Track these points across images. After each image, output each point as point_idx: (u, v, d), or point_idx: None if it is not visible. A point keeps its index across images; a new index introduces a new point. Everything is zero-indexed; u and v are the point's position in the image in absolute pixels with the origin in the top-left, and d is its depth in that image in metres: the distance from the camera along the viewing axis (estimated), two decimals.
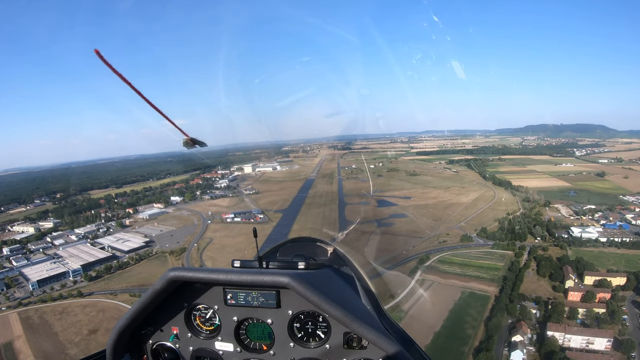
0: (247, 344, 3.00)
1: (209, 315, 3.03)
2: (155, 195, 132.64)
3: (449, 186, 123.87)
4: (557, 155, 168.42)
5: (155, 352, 3.12)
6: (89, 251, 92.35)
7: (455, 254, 79.04)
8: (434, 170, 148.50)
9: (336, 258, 4.05)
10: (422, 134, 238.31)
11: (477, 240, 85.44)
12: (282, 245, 4.30)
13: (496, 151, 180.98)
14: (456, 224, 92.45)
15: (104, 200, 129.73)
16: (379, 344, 2.59)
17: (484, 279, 70.53)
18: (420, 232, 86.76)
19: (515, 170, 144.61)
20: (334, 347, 2.82)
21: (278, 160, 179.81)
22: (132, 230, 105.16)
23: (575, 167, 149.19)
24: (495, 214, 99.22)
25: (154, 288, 2.79)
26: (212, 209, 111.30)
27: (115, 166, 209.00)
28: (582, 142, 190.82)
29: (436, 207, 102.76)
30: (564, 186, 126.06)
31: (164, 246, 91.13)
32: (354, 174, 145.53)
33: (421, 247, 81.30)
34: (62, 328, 66.88)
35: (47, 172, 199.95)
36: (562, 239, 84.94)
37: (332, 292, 2.74)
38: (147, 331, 3.10)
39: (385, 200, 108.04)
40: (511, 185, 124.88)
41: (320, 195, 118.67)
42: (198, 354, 3.08)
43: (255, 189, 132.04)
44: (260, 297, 2.80)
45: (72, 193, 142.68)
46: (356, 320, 2.59)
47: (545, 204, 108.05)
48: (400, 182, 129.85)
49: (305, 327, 2.88)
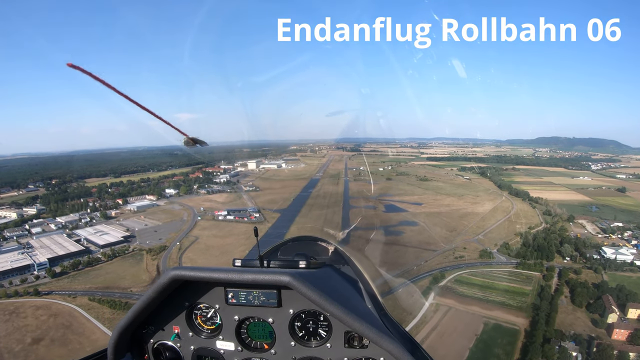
0: (248, 343, 2.91)
1: (210, 315, 2.94)
2: (150, 187, 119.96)
3: (462, 194, 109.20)
4: (572, 168, 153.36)
5: (157, 352, 3.01)
6: (62, 243, 79.43)
7: (474, 272, 64.42)
8: (445, 177, 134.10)
9: (337, 257, 3.80)
10: (432, 140, 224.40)
11: (498, 257, 70.69)
12: (283, 245, 3.97)
13: (509, 160, 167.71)
14: (473, 236, 77.71)
15: (96, 189, 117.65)
16: (380, 343, 2.49)
17: (510, 307, 55.99)
18: (434, 244, 72.19)
19: (531, 181, 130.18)
20: (335, 346, 2.74)
21: (284, 158, 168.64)
22: (116, 222, 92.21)
23: (593, 181, 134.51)
24: (515, 227, 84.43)
25: (155, 287, 2.69)
26: (205, 205, 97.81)
27: (121, 156, 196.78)
28: (596, 157, 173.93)
29: (450, 215, 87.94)
30: (584, 200, 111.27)
31: (144, 242, 77.78)
32: (361, 176, 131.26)
33: (435, 262, 66.80)
34: (6, 332, 53.95)
35: (52, 158, 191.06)
36: (593, 261, 70.35)
37: (333, 291, 2.65)
38: (148, 330, 2.99)
39: (394, 205, 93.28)
40: (529, 196, 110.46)
41: (324, 195, 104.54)
42: (199, 353, 2.98)
43: (256, 186, 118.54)
44: (261, 296, 2.71)
45: (68, 180, 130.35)
46: (357, 319, 2.49)
47: (569, 218, 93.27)
48: (411, 186, 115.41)
49: (307, 326, 2.79)
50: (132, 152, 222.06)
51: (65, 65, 1.64)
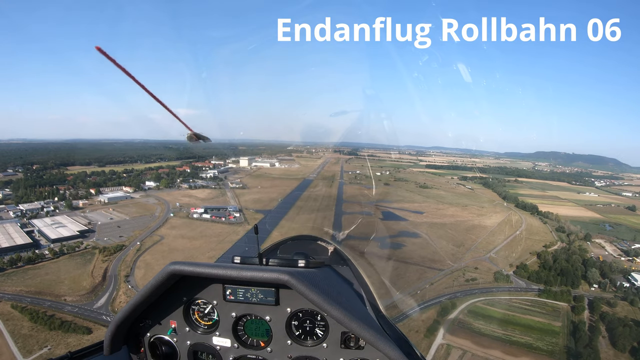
0: (244, 340, 2.79)
1: (207, 310, 2.82)
2: (131, 179, 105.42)
3: (466, 204, 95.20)
4: (575, 183, 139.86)
5: (153, 345, 2.86)
6: (12, 233, 65.02)
7: (490, 301, 50.03)
8: (446, 185, 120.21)
9: (337, 257, 3.62)
10: (430, 149, 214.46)
11: (516, 281, 56.69)
12: (283, 243, 3.81)
13: (510, 172, 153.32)
14: (484, 253, 63.49)
15: (72, 177, 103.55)
16: (376, 345, 2.40)
17: (540, 352, 41.91)
18: (440, 261, 57.72)
19: (536, 194, 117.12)
20: (331, 346, 2.63)
21: (279, 157, 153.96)
22: (81, 213, 77.64)
23: (600, 197, 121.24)
24: (529, 244, 70.49)
25: (153, 281, 2.58)
26: (184, 200, 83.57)
27: (114, 146, 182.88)
28: (596, 174, 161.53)
29: (455, 228, 73.61)
30: (595, 218, 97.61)
31: (101, 239, 63.65)
32: (357, 179, 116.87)
33: (442, 284, 52.47)
34: None
35: (45, 144, 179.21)
36: (625, 289, 56.32)
37: (331, 291, 2.55)
38: (145, 324, 2.86)
39: (393, 213, 78.73)
40: (538, 210, 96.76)
41: (315, 198, 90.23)
42: (195, 348, 2.84)
43: (244, 184, 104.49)
44: (259, 293, 2.61)
45: (50, 166, 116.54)
46: (354, 320, 2.40)
47: (586, 237, 79.43)
48: (410, 193, 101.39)
49: (303, 325, 2.68)
50: (128, 143, 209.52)
51: (94, 48, 1.57)
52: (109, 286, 50.58)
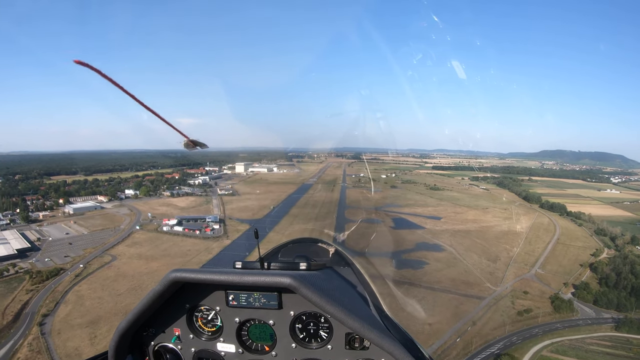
0: (249, 345, 2.64)
1: (210, 317, 2.65)
2: (109, 187, 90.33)
3: (486, 206, 78.77)
4: (591, 181, 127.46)
5: (158, 354, 2.73)
6: None
7: (558, 346, 33.04)
8: (458, 186, 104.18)
9: (338, 259, 3.41)
10: (433, 151, 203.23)
11: (581, 308, 40.17)
12: (284, 246, 3.59)
13: (521, 171, 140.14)
14: (528, 269, 47.04)
15: (45, 187, 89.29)
16: (381, 345, 2.26)
17: None
18: (476, 284, 40.82)
19: (555, 193, 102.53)
20: (336, 347, 2.48)
21: (279, 163, 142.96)
22: (37, 227, 62.49)
23: (621, 194, 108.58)
24: (574, 253, 54.17)
25: (156, 289, 2.45)
26: (161, 210, 68.16)
27: (111, 156, 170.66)
28: (606, 170, 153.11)
29: (483, 236, 56.91)
30: (628, 216, 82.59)
31: (42, 260, 48.39)
32: (361, 182, 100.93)
33: (489, 323, 35.64)
34: None
35: (39, 155, 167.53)
36: None
37: (334, 292, 2.41)
38: (149, 333, 2.70)
39: (406, 220, 61.86)
40: (566, 210, 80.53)
41: (314, 204, 74.27)
42: (200, 355, 2.69)
43: (234, 190, 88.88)
44: (262, 298, 2.46)
45: (33, 176, 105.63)
46: (358, 321, 2.26)
47: (633, 240, 62.90)
48: (422, 196, 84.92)
49: (307, 328, 2.53)
50: (126, 153, 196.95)
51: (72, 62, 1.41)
52: (17, 332, 34.60)
